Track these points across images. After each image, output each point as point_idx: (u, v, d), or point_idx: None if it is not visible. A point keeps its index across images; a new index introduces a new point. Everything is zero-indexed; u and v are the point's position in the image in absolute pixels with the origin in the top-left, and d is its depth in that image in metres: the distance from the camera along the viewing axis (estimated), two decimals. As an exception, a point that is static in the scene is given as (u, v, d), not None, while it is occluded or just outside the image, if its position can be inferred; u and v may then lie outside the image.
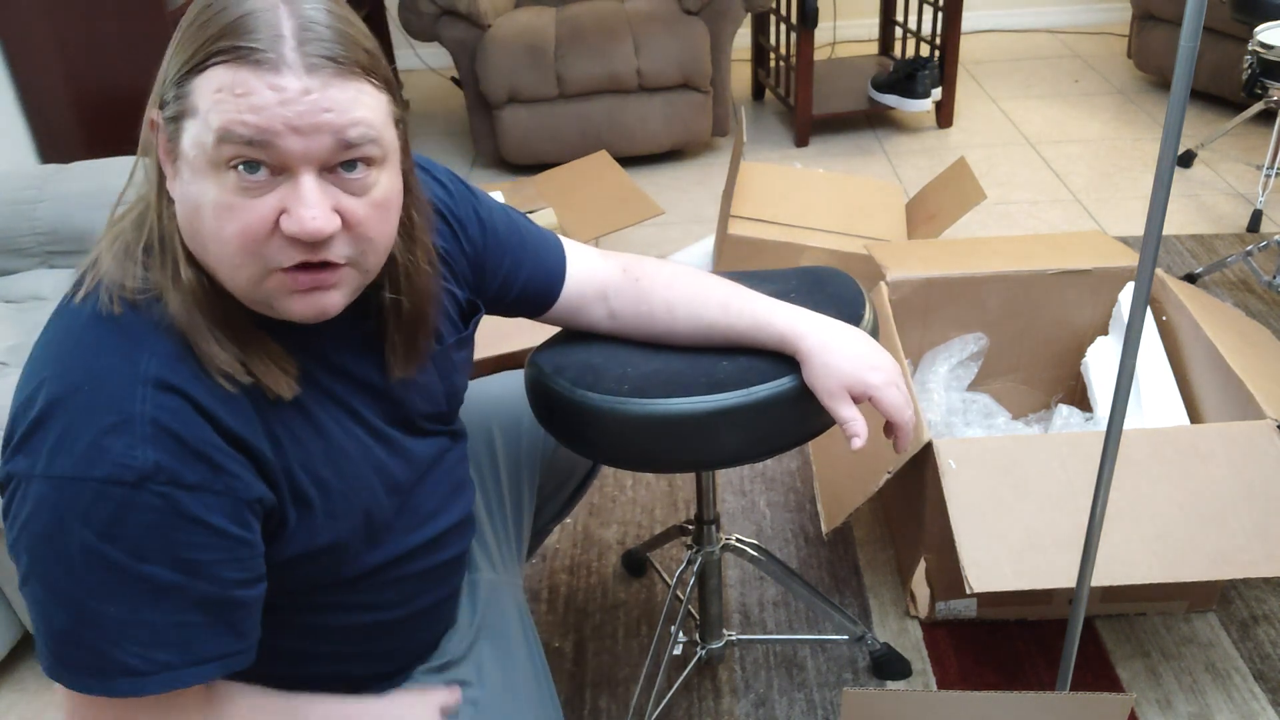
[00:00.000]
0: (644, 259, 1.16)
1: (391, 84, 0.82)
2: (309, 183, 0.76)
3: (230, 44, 0.74)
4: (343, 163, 0.78)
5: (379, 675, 1.05)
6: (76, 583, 0.77)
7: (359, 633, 1.00)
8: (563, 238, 1.15)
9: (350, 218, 0.79)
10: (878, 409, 1.08)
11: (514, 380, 1.40)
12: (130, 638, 0.78)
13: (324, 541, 0.89)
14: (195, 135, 0.75)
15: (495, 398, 1.36)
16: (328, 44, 0.76)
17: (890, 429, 1.10)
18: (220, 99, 0.74)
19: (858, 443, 1.05)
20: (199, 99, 0.75)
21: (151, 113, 0.80)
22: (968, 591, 1.29)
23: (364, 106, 0.77)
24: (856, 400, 1.07)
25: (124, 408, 0.77)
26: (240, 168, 0.75)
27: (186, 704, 0.83)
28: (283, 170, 0.76)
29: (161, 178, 0.81)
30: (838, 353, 1.06)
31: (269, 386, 0.83)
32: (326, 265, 0.79)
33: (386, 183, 0.82)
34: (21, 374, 0.83)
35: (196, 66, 0.75)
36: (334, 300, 0.81)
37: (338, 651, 1.00)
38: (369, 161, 0.79)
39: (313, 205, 0.76)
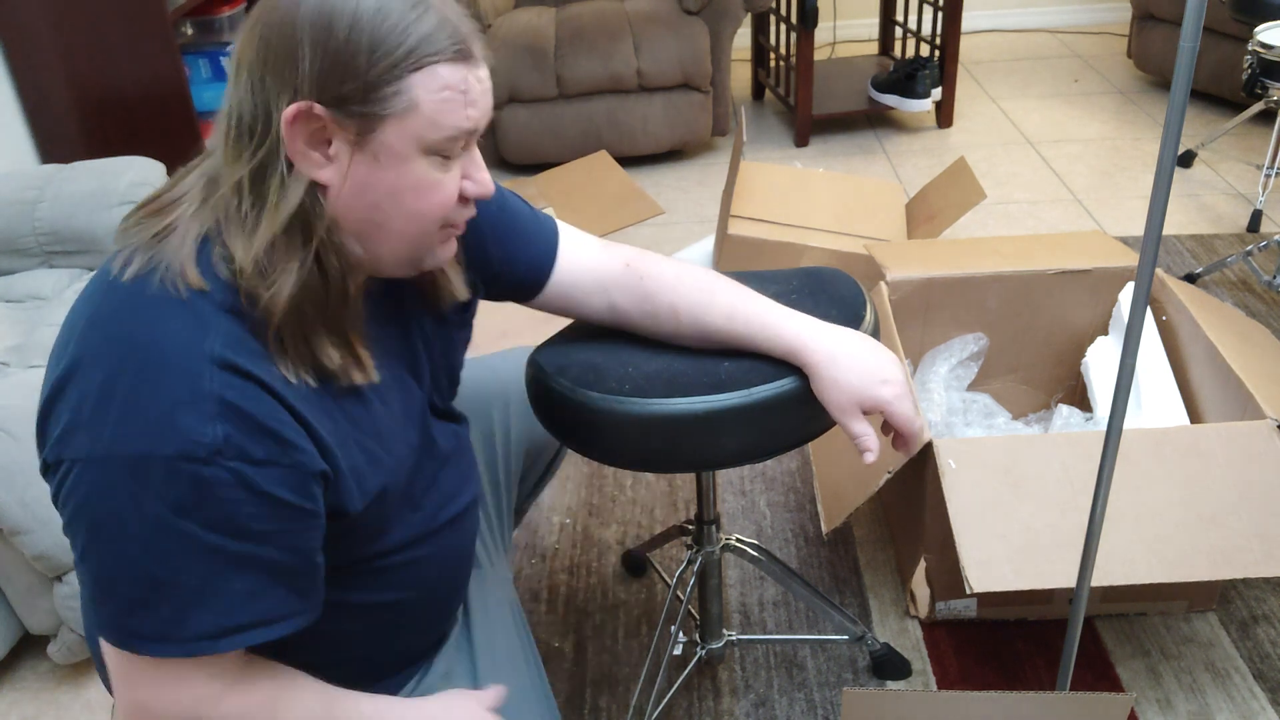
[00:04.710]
0: (647, 255, 1.14)
1: None
2: (477, 152, 0.89)
3: (449, 44, 0.81)
4: None
5: (394, 664, 1.06)
6: (149, 555, 0.79)
7: (382, 613, 1.01)
8: (564, 225, 1.14)
9: None
10: (889, 420, 1.08)
11: (490, 367, 1.39)
12: (202, 604, 0.80)
13: (369, 513, 0.91)
14: (412, 128, 0.81)
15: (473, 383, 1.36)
16: (483, 38, 0.86)
17: (896, 435, 1.11)
18: (448, 97, 0.82)
19: (870, 458, 1.06)
20: (419, 94, 0.80)
21: (301, 106, 0.79)
22: (968, 591, 1.29)
23: None
24: (867, 413, 1.07)
25: (191, 384, 0.78)
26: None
27: (227, 665, 0.86)
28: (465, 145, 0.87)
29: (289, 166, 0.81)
30: (847, 366, 1.06)
31: (354, 375, 0.87)
32: None
33: None
34: (62, 350, 0.82)
35: (412, 65, 0.79)
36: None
37: (360, 633, 1.00)
38: None
39: (485, 169, 0.90)
